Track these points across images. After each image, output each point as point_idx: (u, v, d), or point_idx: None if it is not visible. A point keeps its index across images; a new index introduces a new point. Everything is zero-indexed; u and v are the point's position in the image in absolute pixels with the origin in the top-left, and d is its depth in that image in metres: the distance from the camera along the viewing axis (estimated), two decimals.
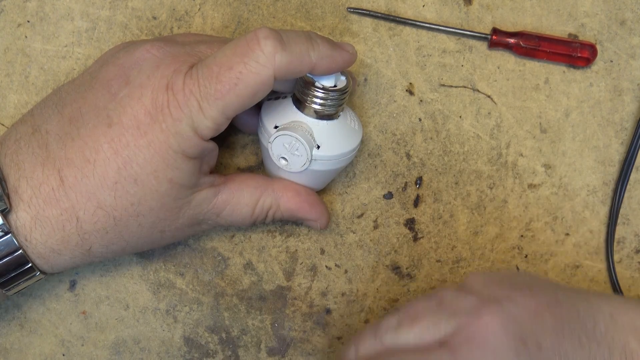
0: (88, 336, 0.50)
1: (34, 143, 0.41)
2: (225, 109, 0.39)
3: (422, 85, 0.50)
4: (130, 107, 0.40)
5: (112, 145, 0.39)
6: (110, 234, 0.41)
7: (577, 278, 0.50)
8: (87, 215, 0.40)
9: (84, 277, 0.50)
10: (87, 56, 0.49)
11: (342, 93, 0.43)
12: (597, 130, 0.50)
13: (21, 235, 0.40)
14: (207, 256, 0.50)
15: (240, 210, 0.45)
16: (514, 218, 0.50)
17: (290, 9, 0.50)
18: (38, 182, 0.40)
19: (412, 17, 0.50)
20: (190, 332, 0.50)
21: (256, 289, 0.50)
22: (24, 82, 0.49)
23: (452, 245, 0.50)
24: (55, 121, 0.41)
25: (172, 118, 0.39)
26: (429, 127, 0.50)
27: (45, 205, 0.40)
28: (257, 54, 0.38)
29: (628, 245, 0.51)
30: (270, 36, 0.39)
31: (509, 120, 0.50)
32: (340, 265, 0.50)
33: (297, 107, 0.43)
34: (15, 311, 0.50)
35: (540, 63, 0.50)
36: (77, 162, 0.40)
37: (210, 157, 0.43)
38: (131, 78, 0.40)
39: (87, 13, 0.49)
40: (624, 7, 0.50)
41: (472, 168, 0.50)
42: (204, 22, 0.50)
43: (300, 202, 0.46)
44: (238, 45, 0.39)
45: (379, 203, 0.50)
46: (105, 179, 0.40)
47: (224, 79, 0.38)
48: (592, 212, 0.50)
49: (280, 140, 0.43)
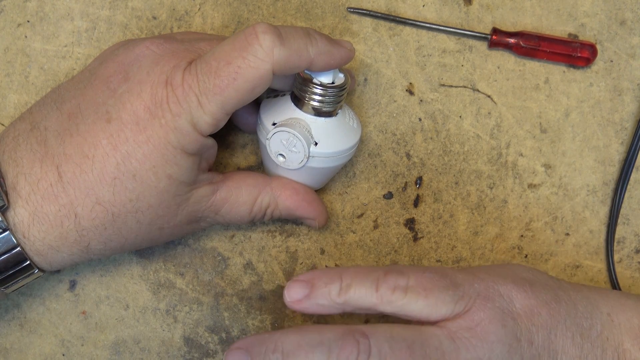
0: (88, 336, 0.50)
1: (33, 139, 0.41)
2: (224, 104, 0.39)
3: (422, 85, 0.50)
4: (129, 102, 0.40)
5: (111, 141, 0.39)
6: (109, 231, 0.41)
7: (577, 278, 0.50)
8: (86, 211, 0.40)
9: (84, 277, 0.50)
10: (87, 56, 0.50)
11: (340, 90, 0.43)
12: (597, 130, 0.50)
13: (19, 232, 0.40)
14: (207, 256, 0.50)
15: (238, 208, 0.45)
16: (514, 218, 0.50)
17: (290, 9, 0.50)
18: (36, 178, 0.40)
19: (412, 17, 0.50)
20: (190, 332, 0.50)
21: (256, 289, 0.50)
22: (24, 82, 0.50)
23: (452, 245, 0.50)
24: (54, 118, 0.41)
25: (172, 113, 0.39)
26: (429, 127, 0.50)
27: (44, 201, 0.40)
28: (256, 48, 0.38)
29: (628, 245, 0.50)
30: (268, 31, 0.39)
31: (509, 120, 0.50)
32: (340, 265, 0.50)
33: (296, 104, 0.43)
34: (15, 311, 0.50)
35: (540, 63, 0.50)
36: (76, 157, 0.40)
37: (209, 154, 0.43)
38: (130, 74, 0.40)
39: (87, 13, 0.49)
40: (624, 7, 0.50)
41: (472, 168, 0.50)
42: (204, 22, 0.50)
43: (299, 201, 0.46)
44: (236, 40, 0.39)
45: (379, 203, 0.50)
46: (104, 175, 0.40)
47: (223, 74, 0.38)
48: (592, 212, 0.50)
49: (277, 136, 0.43)
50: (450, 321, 0.39)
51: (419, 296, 0.39)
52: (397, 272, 0.40)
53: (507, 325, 0.39)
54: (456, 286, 0.40)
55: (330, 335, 0.37)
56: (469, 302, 0.39)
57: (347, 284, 0.39)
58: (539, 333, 0.40)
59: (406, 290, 0.39)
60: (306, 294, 0.40)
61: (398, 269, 0.40)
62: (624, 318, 0.42)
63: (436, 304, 0.39)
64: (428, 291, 0.39)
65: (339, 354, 0.37)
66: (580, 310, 0.42)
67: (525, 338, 0.39)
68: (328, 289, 0.39)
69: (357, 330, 0.37)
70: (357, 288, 0.39)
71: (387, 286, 0.39)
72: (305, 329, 0.38)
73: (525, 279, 0.42)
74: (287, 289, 0.40)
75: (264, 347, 0.38)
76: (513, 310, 0.40)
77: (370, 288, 0.39)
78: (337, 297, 0.39)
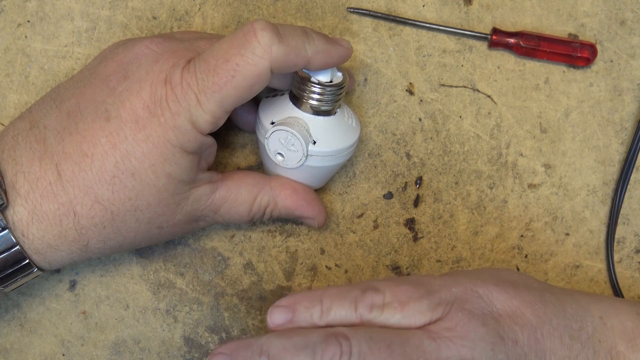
0: (88, 336, 0.50)
1: (32, 138, 0.41)
2: (223, 102, 0.39)
3: (422, 85, 0.50)
4: (128, 101, 0.40)
5: (110, 139, 0.39)
6: (108, 229, 0.41)
7: (577, 278, 0.50)
8: (85, 209, 0.40)
9: (84, 277, 0.50)
10: (87, 56, 0.50)
11: (338, 89, 0.43)
12: (597, 130, 0.50)
13: (18, 231, 0.40)
14: (207, 256, 0.50)
15: (237, 207, 0.45)
16: (514, 218, 0.50)
17: (290, 9, 0.50)
18: (35, 176, 0.40)
19: (412, 17, 0.50)
20: (190, 332, 0.50)
21: (256, 289, 0.50)
22: (24, 82, 0.50)
23: (452, 245, 0.50)
24: (54, 116, 0.41)
25: (171, 112, 0.39)
26: (429, 127, 0.50)
27: (43, 199, 0.40)
28: (254, 45, 0.38)
29: (628, 245, 0.50)
30: (266, 28, 0.39)
31: (509, 120, 0.50)
32: (340, 265, 0.50)
33: (294, 103, 0.43)
34: (15, 311, 0.50)
35: (540, 63, 0.50)
36: (75, 156, 0.40)
37: (209, 153, 0.43)
38: (130, 73, 0.40)
39: (87, 13, 0.49)
40: (624, 7, 0.50)
41: (472, 168, 0.50)
42: (204, 22, 0.50)
43: (298, 200, 0.46)
44: (235, 38, 0.39)
45: (379, 203, 0.50)
46: (103, 173, 0.40)
47: (221, 71, 0.38)
48: (592, 212, 0.50)
49: (276, 135, 0.43)
50: (433, 324, 0.39)
51: (396, 310, 0.40)
52: (374, 289, 0.40)
53: (488, 324, 0.39)
54: (432, 294, 0.40)
55: (314, 338, 0.38)
56: (446, 307, 0.40)
57: (327, 307, 0.40)
58: (523, 332, 0.40)
59: (382, 307, 0.40)
60: (289, 319, 0.40)
61: (374, 286, 0.41)
62: (616, 321, 0.42)
63: (413, 314, 0.39)
64: (404, 304, 0.40)
65: (322, 356, 0.37)
66: (569, 312, 0.41)
67: (509, 337, 0.39)
68: (310, 313, 0.40)
69: (339, 333, 0.38)
70: (336, 310, 0.40)
71: (364, 305, 0.40)
72: (289, 332, 0.39)
73: (508, 281, 0.42)
74: (270, 314, 0.41)
75: (249, 351, 0.38)
76: (494, 311, 0.40)
77: (350, 308, 0.40)
78: (318, 320, 0.40)
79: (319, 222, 0.47)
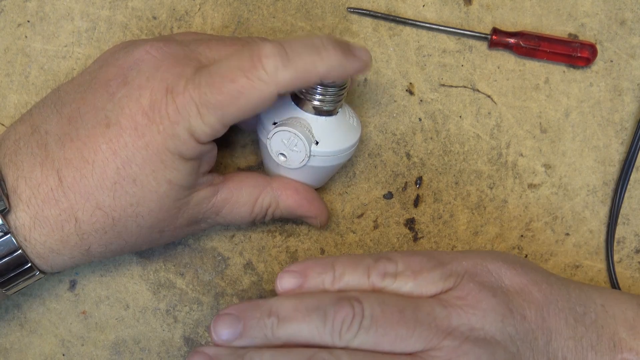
0: (88, 336, 0.50)
1: (33, 143, 0.41)
2: (224, 118, 0.39)
3: (422, 85, 0.50)
4: (128, 108, 0.39)
5: (110, 146, 0.39)
6: (109, 234, 0.41)
7: (577, 278, 0.50)
8: (86, 215, 0.40)
9: (84, 277, 0.50)
10: (87, 56, 0.49)
11: (340, 89, 0.43)
12: (597, 130, 0.50)
13: (20, 235, 0.40)
14: (207, 256, 0.50)
15: (239, 208, 0.45)
16: (514, 218, 0.50)
17: (290, 9, 0.50)
18: (37, 182, 0.40)
19: (412, 17, 0.50)
20: (190, 332, 0.50)
21: (256, 289, 0.50)
22: (24, 82, 0.50)
23: (452, 245, 0.50)
24: (55, 121, 0.41)
25: (170, 120, 0.39)
26: (429, 127, 0.50)
27: (44, 205, 0.40)
28: (260, 72, 0.38)
29: (628, 245, 0.51)
30: (271, 54, 0.38)
31: (509, 120, 0.50)
32: None
33: (296, 103, 0.43)
34: (15, 311, 0.50)
35: (540, 63, 0.50)
36: (76, 162, 0.40)
37: (209, 157, 0.43)
38: (129, 79, 0.40)
39: (87, 13, 0.49)
40: (624, 7, 0.50)
41: (472, 168, 0.50)
42: (204, 22, 0.50)
43: (299, 200, 0.46)
44: (242, 59, 0.38)
45: (379, 203, 0.50)
46: (104, 180, 0.40)
47: (226, 91, 0.38)
48: (592, 212, 0.50)
49: (278, 136, 0.43)
50: (443, 294, 0.40)
51: (408, 279, 0.40)
52: (386, 258, 0.41)
53: (498, 296, 0.40)
54: (444, 265, 0.41)
55: (326, 300, 0.38)
56: (457, 278, 0.40)
57: (339, 273, 0.40)
58: (531, 309, 0.40)
59: (395, 275, 0.40)
60: (299, 284, 0.40)
61: (387, 256, 0.41)
62: (618, 310, 0.43)
63: (425, 284, 0.40)
64: (416, 273, 0.40)
65: (334, 317, 0.37)
66: (573, 296, 0.42)
67: (518, 311, 0.40)
68: (321, 278, 0.40)
69: (351, 296, 0.38)
70: (349, 277, 0.40)
71: (377, 273, 0.40)
72: (300, 295, 0.39)
73: (516, 261, 0.43)
74: (279, 279, 0.40)
75: (258, 312, 0.38)
76: (502, 286, 0.41)
77: (362, 276, 0.40)
78: (330, 287, 0.40)
79: (321, 221, 0.47)
